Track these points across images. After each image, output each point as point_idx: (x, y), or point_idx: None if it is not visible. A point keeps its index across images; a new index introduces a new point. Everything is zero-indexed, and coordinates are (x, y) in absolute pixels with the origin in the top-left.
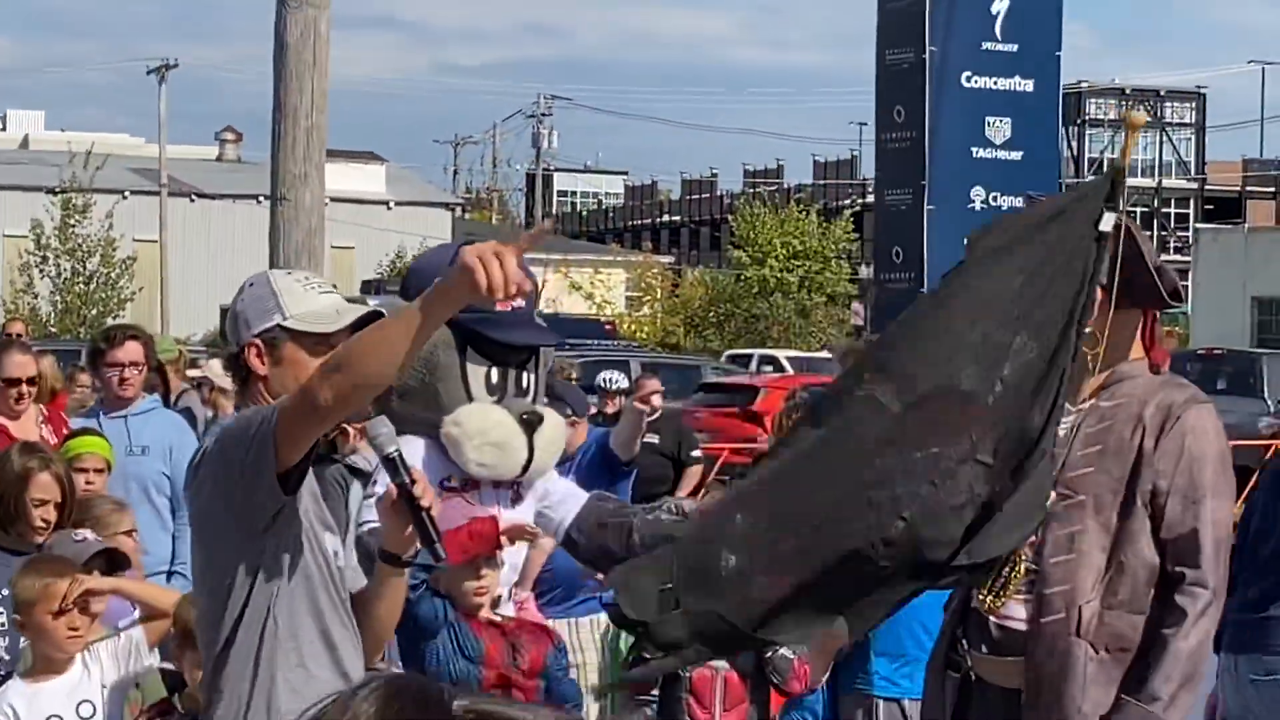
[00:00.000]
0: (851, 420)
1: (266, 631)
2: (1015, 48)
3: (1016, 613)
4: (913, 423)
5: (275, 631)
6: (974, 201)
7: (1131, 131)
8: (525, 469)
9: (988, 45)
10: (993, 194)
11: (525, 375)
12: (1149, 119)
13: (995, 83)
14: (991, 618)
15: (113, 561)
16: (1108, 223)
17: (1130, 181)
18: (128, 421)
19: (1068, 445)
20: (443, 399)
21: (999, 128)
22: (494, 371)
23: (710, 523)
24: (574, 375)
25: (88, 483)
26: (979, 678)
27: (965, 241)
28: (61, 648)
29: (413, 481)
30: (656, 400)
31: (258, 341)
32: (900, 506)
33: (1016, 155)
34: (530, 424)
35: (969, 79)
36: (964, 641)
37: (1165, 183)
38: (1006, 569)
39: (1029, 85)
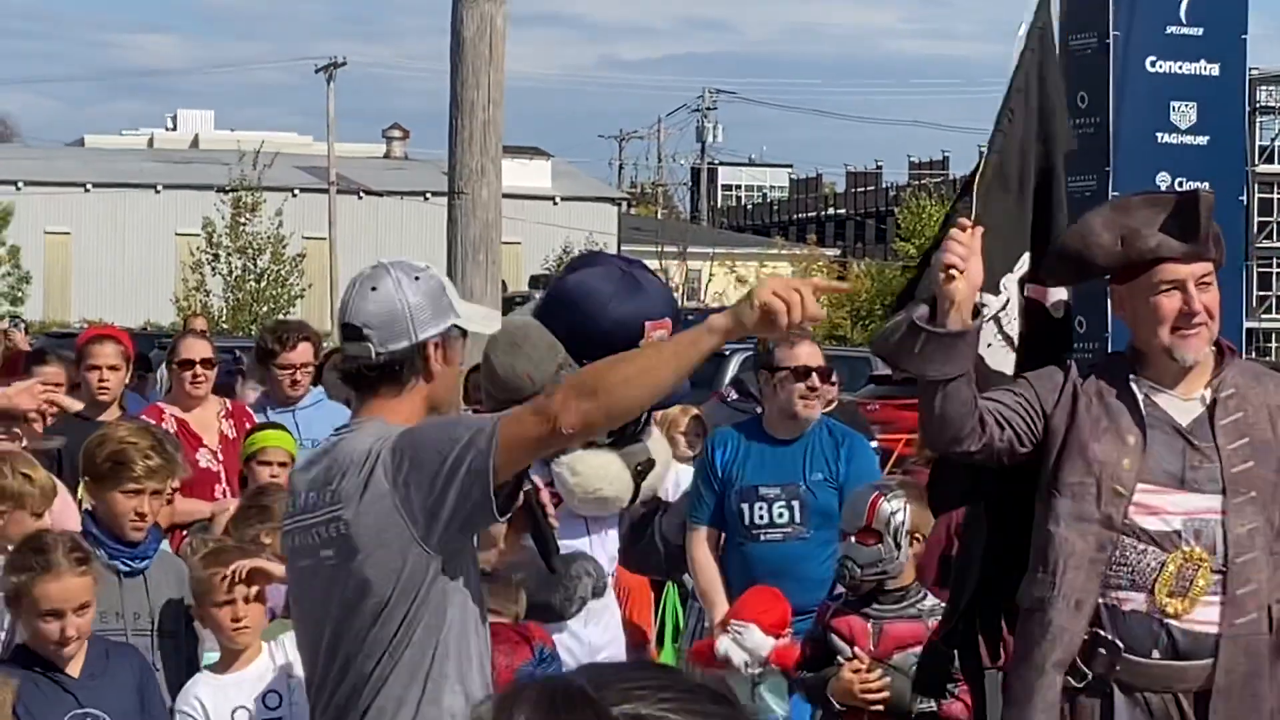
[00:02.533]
0: None
1: (438, 653)
2: (1200, 31)
3: (1207, 615)
4: None
5: (446, 653)
6: (1159, 187)
7: None
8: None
9: (1172, 29)
10: (1178, 179)
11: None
12: None
13: (1180, 67)
14: (1175, 622)
15: None
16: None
17: None
18: (295, 414)
19: (1209, 439)
20: None
21: (1184, 112)
22: None
23: None
24: None
25: (272, 476)
26: (1125, 688)
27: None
28: (230, 639)
29: (538, 489)
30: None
31: (438, 339)
32: None
33: (1202, 140)
34: (642, 474)
35: (1153, 63)
36: (1105, 657)
37: None
38: (1191, 571)
39: (1215, 69)
